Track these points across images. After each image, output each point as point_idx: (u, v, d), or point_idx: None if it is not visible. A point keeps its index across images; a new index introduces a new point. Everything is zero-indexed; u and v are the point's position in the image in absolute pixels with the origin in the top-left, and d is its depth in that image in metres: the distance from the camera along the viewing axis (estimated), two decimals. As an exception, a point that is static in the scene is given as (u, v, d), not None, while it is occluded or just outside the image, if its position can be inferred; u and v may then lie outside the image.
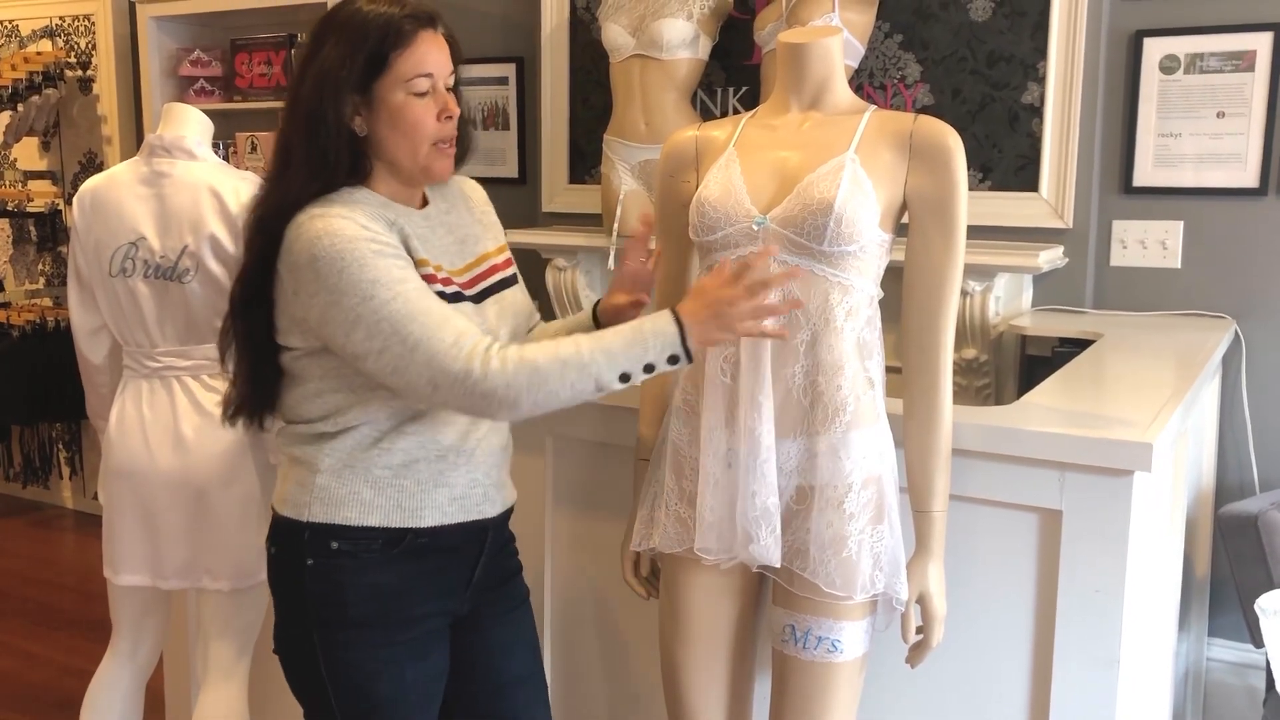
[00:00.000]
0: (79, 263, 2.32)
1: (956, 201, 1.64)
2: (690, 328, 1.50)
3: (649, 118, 3.24)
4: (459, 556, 1.70)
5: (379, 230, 1.54)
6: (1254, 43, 2.87)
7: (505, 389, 1.47)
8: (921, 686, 1.86)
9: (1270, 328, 2.94)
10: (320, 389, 1.61)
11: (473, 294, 1.66)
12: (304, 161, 1.56)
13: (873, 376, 1.67)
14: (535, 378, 1.47)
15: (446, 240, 1.68)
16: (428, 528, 1.64)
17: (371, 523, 1.61)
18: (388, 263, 1.51)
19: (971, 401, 2.95)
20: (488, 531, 1.72)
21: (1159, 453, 1.68)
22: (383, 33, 1.55)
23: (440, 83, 1.60)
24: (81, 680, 2.47)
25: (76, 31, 4.80)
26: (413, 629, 1.65)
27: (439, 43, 1.61)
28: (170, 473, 2.22)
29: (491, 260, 1.73)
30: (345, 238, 1.50)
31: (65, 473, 5.08)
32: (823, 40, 1.72)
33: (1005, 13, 3.04)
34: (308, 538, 1.62)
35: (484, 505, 1.70)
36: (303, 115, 1.56)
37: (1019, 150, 3.06)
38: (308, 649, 1.64)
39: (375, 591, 1.62)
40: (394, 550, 1.62)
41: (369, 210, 1.56)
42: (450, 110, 1.61)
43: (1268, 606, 2.29)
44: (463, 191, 1.78)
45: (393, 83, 1.56)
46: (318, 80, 1.55)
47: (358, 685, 1.63)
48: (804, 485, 1.66)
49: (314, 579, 1.62)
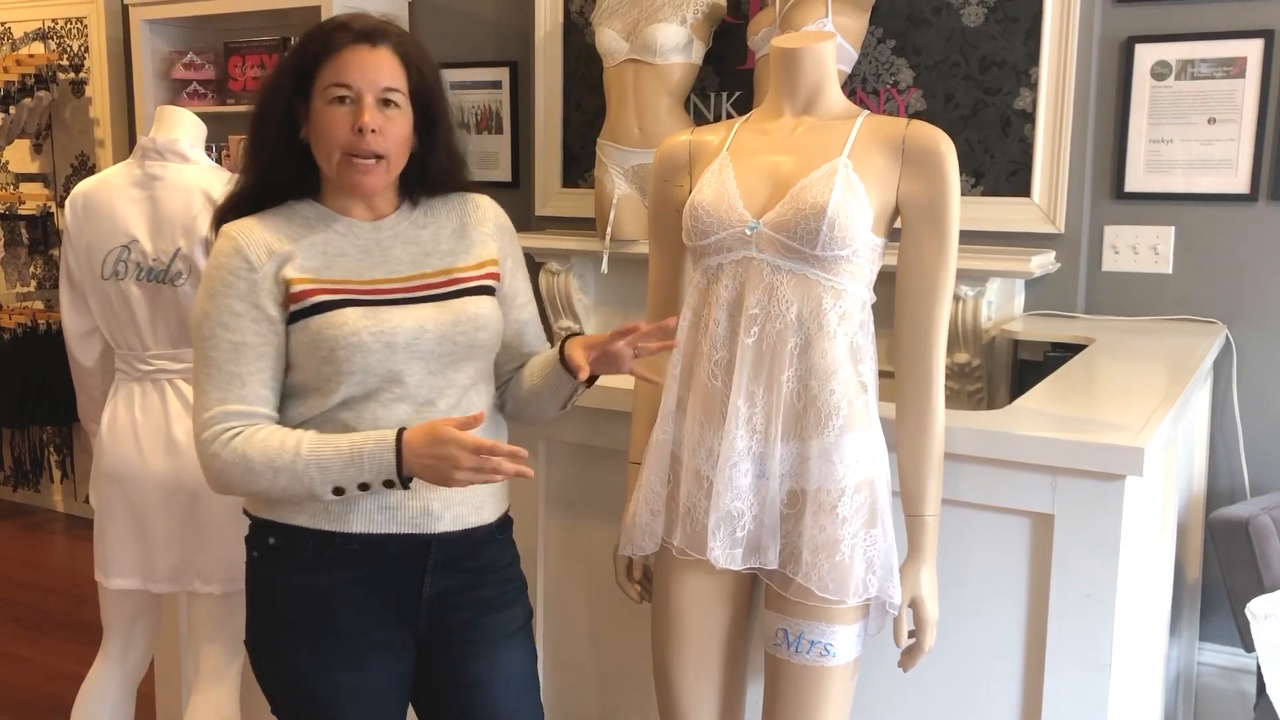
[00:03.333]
0: (71, 265, 2.32)
1: (949, 206, 1.64)
2: (409, 461, 1.51)
3: (642, 122, 3.24)
4: (400, 569, 1.64)
5: (251, 263, 1.59)
6: (1245, 49, 2.88)
7: (219, 474, 1.58)
8: (914, 690, 1.86)
9: (1261, 333, 2.95)
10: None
11: (369, 298, 1.60)
12: (250, 169, 1.65)
13: (865, 381, 1.67)
14: (248, 474, 1.56)
15: (400, 253, 1.65)
16: (357, 534, 1.61)
17: (300, 523, 1.62)
18: (227, 303, 1.58)
19: (964, 406, 2.96)
20: (430, 547, 1.64)
21: (1150, 457, 1.69)
22: (314, 44, 1.61)
23: (367, 95, 1.58)
24: (72, 684, 2.46)
25: (69, 34, 4.79)
26: (346, 637, 1.63)
27: (376, 58, 1.59)
28: (162, 476, 2.22)
29: (457, 274, 1.68)
30: (214, 261, 1.61)
31: (56, 476, 5.06)
32: (816, 45, 1.72)
33: (998, 19, 3.05)
34: (253, 530, 1.68)
35: (423, 520, 1.62)
36: (252, 128, 1.65)
37: (1011, 155, 3.07)
38: (253, 642, 1.69)
39: (306, 592, 1.63)
40: (325, 552, 1.62)
41: (265, 235, 1.61)
42: (362, 123, 1.56)
43: (1259, 611, 2.29)
44: (465, 209, 1.74)
45: (317, 91, 1.60)
46: (262, 93, 1.64)
47: (290, 686, 1.66)
48: (796, 489, 1.66)
49: (254, 572, 1.69)
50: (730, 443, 1.65)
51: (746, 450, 1.65)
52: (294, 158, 1.63)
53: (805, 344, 1.64)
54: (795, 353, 1.64)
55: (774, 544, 1.67)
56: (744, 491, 1.65)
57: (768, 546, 1.67)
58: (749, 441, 1.65)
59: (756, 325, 1.65)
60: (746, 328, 1.65)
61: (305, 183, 1.65)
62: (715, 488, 1.66)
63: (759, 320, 1.65)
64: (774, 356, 1.64)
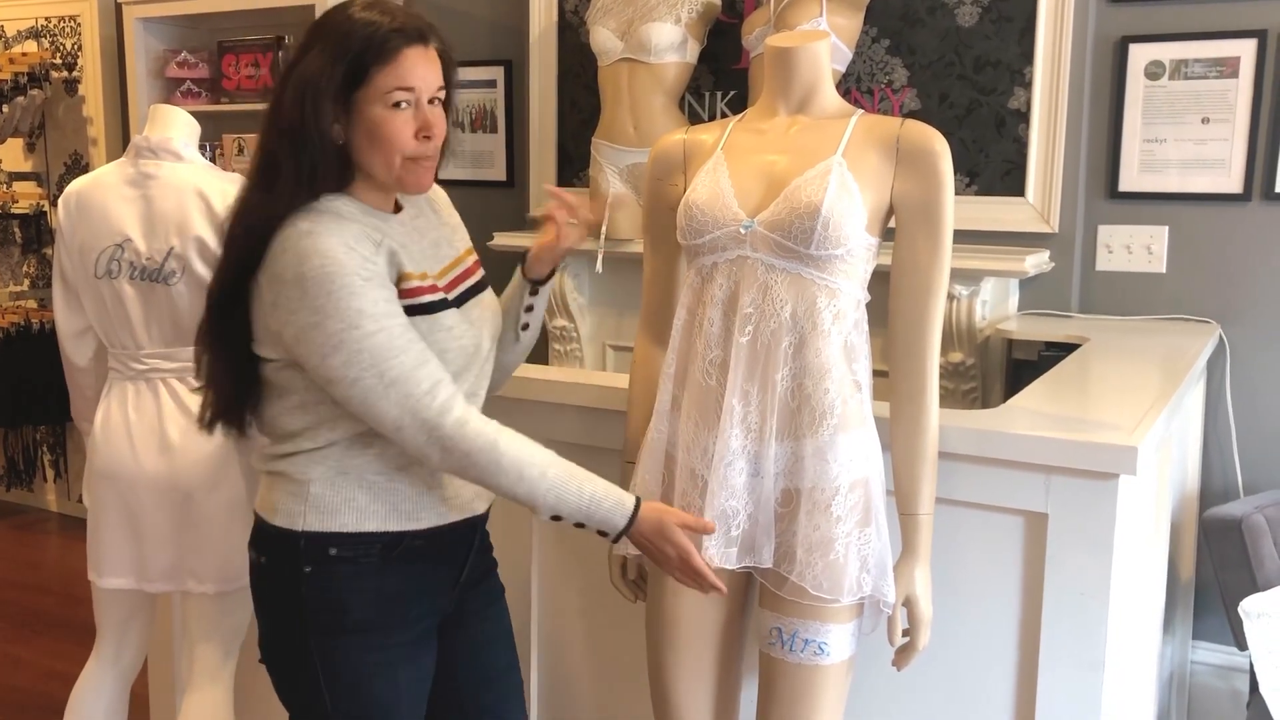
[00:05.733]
0: (64, 265, 2.31)
1: (943, 206, 1.64)
2: (634, 535, 1.59)
3: (637, 121, 3.25)
4: (450, 556, 1.70)
5: (368, 253, 1.53)
6: (1238, 49, 2.89)
7: (464, 456, 1.53)
8: (908, 689, 1.87)
9: (1254, 332, 2.96)
10: (305, 400, 1.59)
11: (454, 297, 1.65)
12: (292, 174, 1.54)
13: (860, 380, 1.68)
14: (492, 464, 1.53)
15: (422, 244, 1.67)
16: (424, 529, 1.64)
17: (369, 528, 1.60)
18: (376, 293, 1.51)
19: (958, 405, 2.96)
20: (476, 529, 1.73)
21: (1144, 456, 1.69)
22: (365, 44, 1.53)
23: (423, 98, 1.57)
24: (65, 684, 2.46)
25: (62, 32, 4.78)
26: (408, 631, 1.65)
27: (427, 58, 1.57)
28: (156, 475, 2.21)
29: (464, 264, 1.72)
30: (335, 261, 1.49)
31: (49, 475, 5.05)
32: (810, 45, 1.72)
33: (992, 18, 3.05)
34: (304, 545, 1.60)
35: (475, 502, 1.70)
36: (285, 126, 1.54)
37: (1005, 155, 3.07)
38: (303, 657, 1.62)
39: (375, 596, 1.61)
40: (392, 554, 1.62)
41: (356, 229, 1.55)
42: (429, 129, 1.57)
43: (1251, 609, 2.30)
44: (427, 195, 1.75)
45: (372, 95, 1.54)
46: (298, 90, 1.53)
47: (354, 690, 1.62)
48: (790, 488, 1.66)
49: (312, 586, 1.61)
50: (725, 442, 1.65)
51: (741, 449, 1.66)
52: (335, 160, 1.57)
53: (799, 343, 1.64)
54: (790, 352, 1.64)
55: (769, 543, 1.67)
56: (739, 490, 1.66)
57: (762, 545, 1.67)
58: (744, 440, 1.66)
59: (751, 324, 1.65)
60: (741, 326, 1.65)
61: (340, 180, 1.59)
62: (710, 486, 1.66)
63: (753, 319, 1.65)
64: (768, 355, 1.65)
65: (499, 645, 1.83)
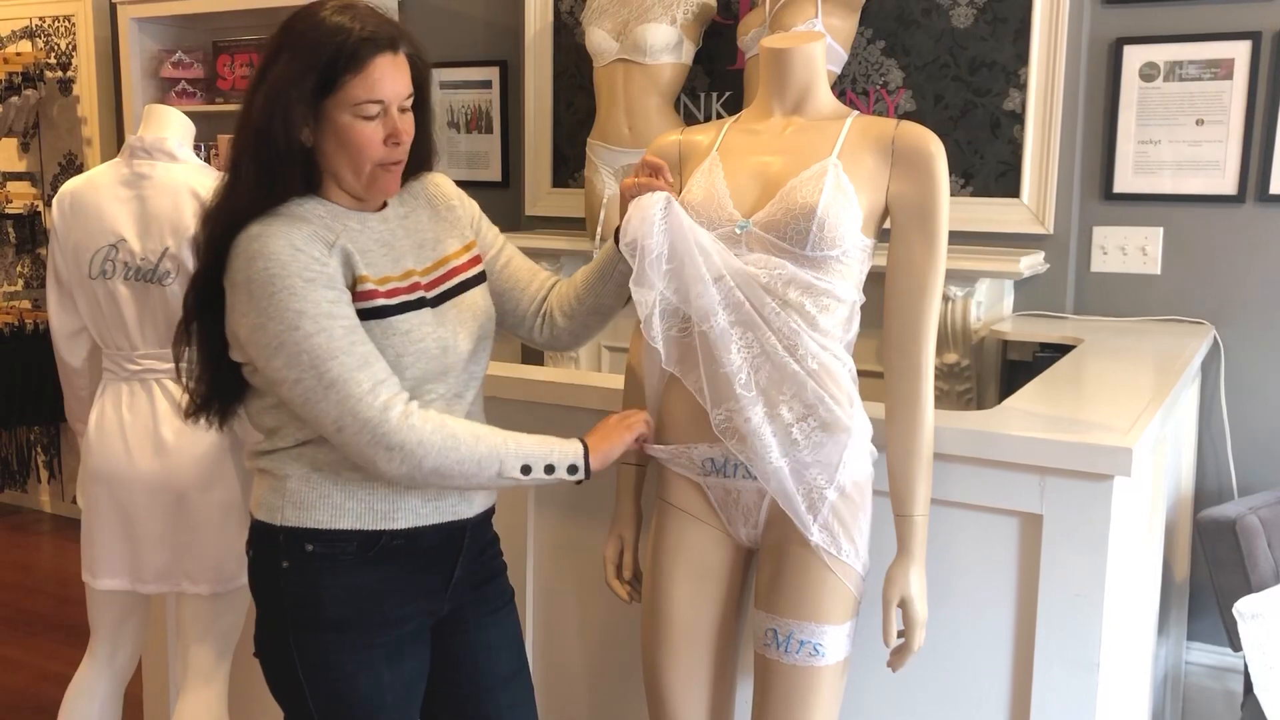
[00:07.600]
0: (58, 265, 2.30)
1: (938, 207, 1.64)
2: (594, 438, 1.67)
3: (632, 122, 3.25)
4: (437, 557, 1.69)
5: (317, 254, 1.53)
6: (1232, 51, 2.89)
7: (417, 445, 1.52)
8: (903, 690, 1.87)
9: (1248, 333, 2.96)
10: (277, 401, 1.60)
11: (433, 296, 1.64)
12: (252, 178, 1.55)
13: (851, 380, 1.68)
14: (450, 441, 1.53)
15: (406, 243, 1.66)
16: (403, 529, 1.63)
17: (344, 525, 1.61)
18: (318, 294, 1.51)
19: (953, 406, 2.96)
20: (465, 532, 1.71)
21: (1139, 457, 1.69)
22: (336, 52, 1.53)
23: (393, 107, 1.57)
24: (59, 685, 2.45)
25: (57, 32, 4.77)
26: (390, 631, 1.65)
27: (396, 65, 1.57)
28: (150, 476, 2.21)
29: (452, 263, 1.71)
30: (279, 262, 1.50)
31: (44, 476, 5.05)
32: (806, 46, 1.72)
33: (987, 20, 3.05)
34: (282, 540, 1.62)
35: (460, 506, 1.69)
36: (252, 131, 1.55)
37: (1000, 156, 3.08)
38: (285, 651, 1.64)
39: (352, 594, 1.62)
40: (369, 552, 1.62)
41: (309, 230, 1.54)
42: (398, 135, 1.57)
43: (1246, 610, 2.30)
44: (426, 191, 1.75)
45: (341, 103, 1.54)
46: (268, 97, 1.54)
47: (334, 687, 1.62)
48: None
49: (290, 581, 1.62)
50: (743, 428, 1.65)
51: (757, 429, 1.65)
52: (301, 160, 1.57)
53: (793, 344, 1.64)
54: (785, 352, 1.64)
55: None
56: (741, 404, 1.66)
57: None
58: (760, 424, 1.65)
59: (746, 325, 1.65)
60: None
61: (308, 183, 1.60)
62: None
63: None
64: (762, 357, 1.64)
65: (503, 652, 1.80)
